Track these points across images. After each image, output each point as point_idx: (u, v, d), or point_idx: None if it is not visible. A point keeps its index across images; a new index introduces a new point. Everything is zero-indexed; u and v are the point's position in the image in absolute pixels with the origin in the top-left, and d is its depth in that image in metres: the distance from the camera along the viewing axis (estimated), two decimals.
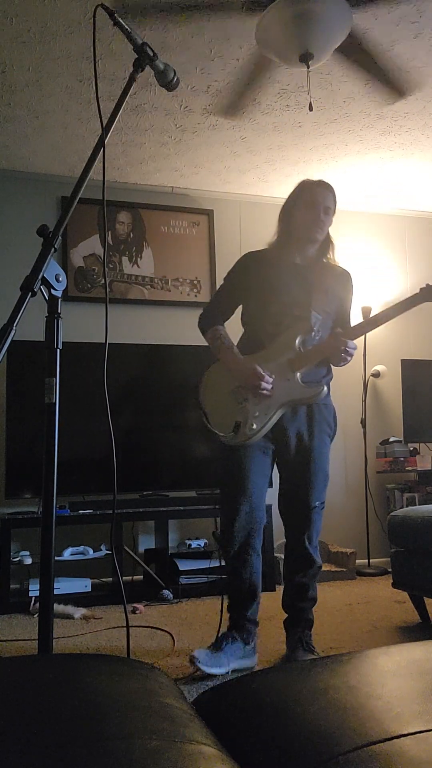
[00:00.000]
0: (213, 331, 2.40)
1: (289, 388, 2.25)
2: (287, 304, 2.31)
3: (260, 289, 2.36)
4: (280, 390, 2.24)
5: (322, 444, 2.34)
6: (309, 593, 2.35)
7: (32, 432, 3.51)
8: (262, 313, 2.35)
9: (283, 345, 2.28)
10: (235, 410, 2.26)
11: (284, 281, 2.34)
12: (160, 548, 3.81)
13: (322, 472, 2.33)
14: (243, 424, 2.23)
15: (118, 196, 4.20)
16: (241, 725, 0.77)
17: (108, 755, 0.58)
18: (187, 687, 2.11)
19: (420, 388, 4.24)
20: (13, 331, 1.22)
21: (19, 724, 0.65)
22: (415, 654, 0.92)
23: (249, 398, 2.25)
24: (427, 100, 3.35)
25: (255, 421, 2.23)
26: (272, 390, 2.22)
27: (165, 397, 3.89)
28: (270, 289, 2.34)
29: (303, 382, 2.26)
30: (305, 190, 2.37)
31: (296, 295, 2.32)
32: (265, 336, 2.32)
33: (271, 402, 2.24)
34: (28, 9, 2.61)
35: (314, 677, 0.86)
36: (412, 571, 2.76)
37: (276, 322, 2.31)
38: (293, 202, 2.39)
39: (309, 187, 2.38)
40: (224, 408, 2.30)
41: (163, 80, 1.66)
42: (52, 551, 1.36)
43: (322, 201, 2.34)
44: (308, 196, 2.35)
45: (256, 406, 2.24)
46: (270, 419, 2.25)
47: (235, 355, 2.31)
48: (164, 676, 0.88)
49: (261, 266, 2.38)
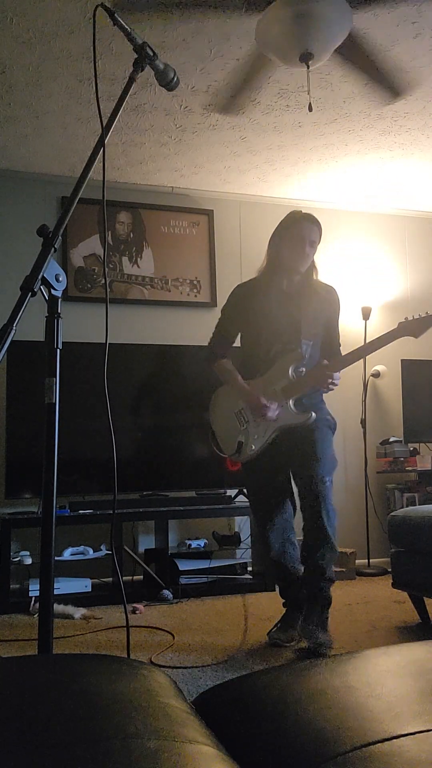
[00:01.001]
0: (219, 365, 2.69)
1: (284, 415, 2.54)
2: (276, 332, 2.57)
3: (251, 318, 2.61)
4: (277, 415, 2.53)
5: (324, 434, 2.56)
6: (327, 574, 2.50)
7: (32, 432, 3.51)
8: (254, 340, 2.62)
9: (278, 373, 2.56)
10: (238, 431, 2.59)
11: (273, 310, 2.58)
12: (160, 548, 3.81)
13: (328, 453, 2.53)
14: (244, 445, 2.56)
15: (118, 196, 4.20)
16: (241, 725, 0.77)
17: (108, 755, 0.58)
18: (187, 687, 2.11)
19: (420, 388, 4.24)
20: (13, 331, 1.22)
21: (19, 724, 0.65)
22: (415, 654, 0.92)
23: (250, 421, 2.57)
24: (427, 100, 3.35)
25: (254, 442, 2.56)
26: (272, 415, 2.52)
27: (165, 397, 3.89)
28: (260, 319, 2.58)
29: (295, 407, 2.54)
30: (293, 224, 2.57)
31: (285, 322, 2.58)
32: (259, 362, 2.60)
33: (268, 425, 2.54)
34: (28, 9, 2.61)
35: (314, 677, 0.86)
36: (412, 571, 2.76)
37: (267, 348, 2.58)
38: (280, 235, 2.60)
39: (296, 222, 2.57)
40: (229, 429, 2.63)
41: (163, 80, 1.66)
42: (52, 551, 1.36)
43: (308, 235, 2.55)
44: (296, 230, 2.55)
45: (255, 428, 2.56)
46: (266, 441, 2.55)
47: (241, 384, 2.60)
48: (164, 676, 0.88)
49: (251, 297, 2.63)
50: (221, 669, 2.31)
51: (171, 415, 3.88)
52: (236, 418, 2.60)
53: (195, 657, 2.47)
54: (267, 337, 2.58)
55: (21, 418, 3.55)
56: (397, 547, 2.87)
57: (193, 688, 2.10)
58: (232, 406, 2.63)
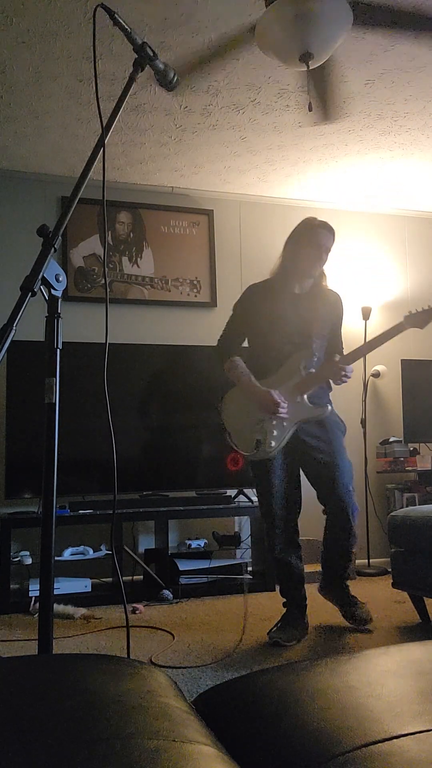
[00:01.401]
0: (230, 363, 2.70)
1: (299, 409, 2.60)
2: (288, 333, 2.65)
3: (264, 319, 2.67)
4: (292, 411, 2.58)
5: (338, 439, 2.68)
6: (349, 556, 2.74)
7: (32, 432, 3.51)
8: (266, 340, 2.67)
9: (289, 370, 2.63)
10: (255, 429, 2.60)
11: (285, 312, 2.66)
12: (160, 548, 3.80)
13: (346, 460, 2.67)
14: (263, 442, 2.57)
15: (118, 196, 4.20)
16: (241, 725, 0.77)
17: (108, 755, 0.58)
18: (187, 687, 2.11)
19: (420, 388, 4.24)
20: (13, 331, 1.22)
21: (18, 724, 0.65)
22: (415, 654, 0.92)
23: (266, 419, 2.59)
24: (427, 100, 3.35)
25: (273, 439, 2.58)
26: (286, 412, 2.56)
27: (165, 397, 3.89)
28: (273, 320, 2.66)
29: (310, 402, 2.62)
30: (310, 230, 2.66)
31: (296, 324, 2.66)
32: (270, 361, 2.65)
33: (286, 423, 2.59)
34: (28, 9, 2.61)
35: (314, 677, 0.86)
36: (412, 571, 2.76)
37: (278, 348, 2.65)
38: (297, 239, 2.68)
39: (314, 228, 2.66)
40: (245, 428, 2.63)
41: (163, 80, 1.66)
42: (52, 551, 1.36)
43: (324, 242, 2.65)
44: (313, 236, 2.65)
45: (272, 425, 2.58)
46: (285, 437, 2.59)
47: (253, 384, 2.62)
48: (164, 676, 0.88)
49: (264, 298, 2.70)
50: (221, 669, 2.31)
51: (171, 415, 3.88)
52: (252, 417, 2.61)
53: (195, 657, 2.47)
54: (279, 337, 2.65)
55: (21, 418, 3.55)
56: (397, 547, 2.87)
57: (193, 688, 2.10)
58: (246, 405, 2.64)
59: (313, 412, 2.61)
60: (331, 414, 2.68)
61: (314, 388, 2.63)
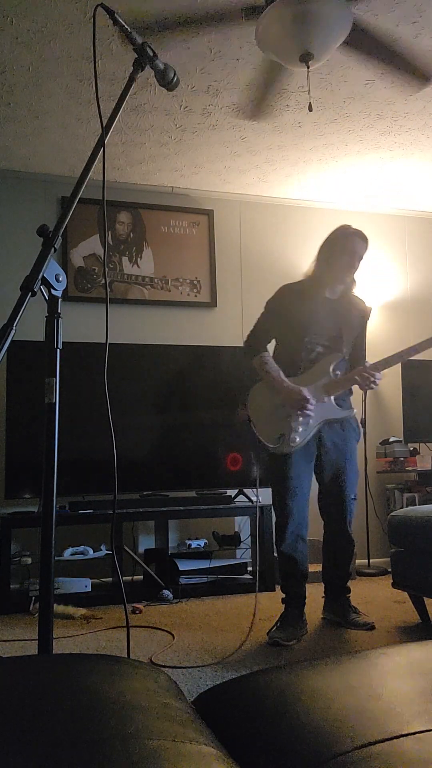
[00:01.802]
0: (259, 358, 2.76)
1: (325, 409, 2.71)
2: (319, 335, 2.74)
3: (296, 318, 2.75)
4: (318, 410, 2.68)
5: (353, 448, 2.82)
6: (348, 567, 2.87)
7: (32, 432, 3.51)
8: (297, 339, 2.74)
9: (320, 371, 2.72)
10: (280, 424, 2.67)
11: (317, 313, 2.74)
12: (160, 548, 3.81)
13: (354, 471, 2.82)
14: (286, 437, 2.65)
15: (118, 196, 4.20)
16: (241, 725, 0.77)
17: (108, 755, 0.58)
18: (187, 687, 2.11)
19: (420, 388, 4.24)
20: (13, 331, 1.22)
21: (19, 724, 0.65)
22: (415, 654, 0.92)
23: (292, 415, 2.66)
24: (427, 100, 3.35)
25: (297, 435, 2.66)
26: (313, 410, 2.65)
27: (165, 397, 3.89)
28: (304, 320, 2.74)
29: (336, 404, 2.74)
30: (345, 238, 2.74)
31: (327, 326, 2.75)
32: (300, 361, 2.74)
33: (311, 420, 2.68)
34: (28, 9, 2.61)
35: (314, 677, 0.86)
36: (412, 571, 2.76)
37: (309, 348, 2.74)
38: (332, 246, 2.76)
39: (348, 236, 2.74)
40: (270, 422, 2.70)
41: (163, 80, 1.66)
42: (52, 551, 1.36)
43: (358, 251, 2.74)
44: (348, 244, 2.73)
45: (297, 422, 2.66)
46: (309, 434, 2.69)
47: (283, 379, 2.68)
48: (164, 676, 0.88)
49: (297, 298, 2.77)
50: (221, 669, 2.31)
51: (171, 415, 3.88)
52: (278, 411, 2.68)
53: (195, 657, 2.47)
54: (310, 338, 2.73)
55: (21, 418, 3.55)
56: (397, 547, 2.87)
57: (193, 688, 2.10)
58: (272, 399, 2.70)
59: (339, 413, 2.74)
60: (353, 420, 2.83)
61: (341, 390, 2.74)
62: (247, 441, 3.93)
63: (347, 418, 2.79)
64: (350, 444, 2.81)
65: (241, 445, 3.91)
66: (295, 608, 2.72)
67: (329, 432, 2.76)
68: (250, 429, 2.76)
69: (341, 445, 2.78)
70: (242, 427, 3.96)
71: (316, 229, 4.61)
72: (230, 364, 3.99)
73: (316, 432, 2.72)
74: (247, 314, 4.41)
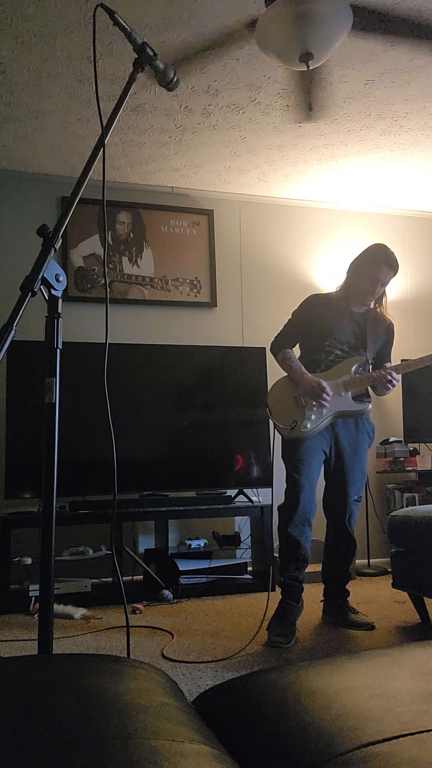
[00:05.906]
0: (283, 354, 2.89)
1: (341, 402, 2.80)
2: (338, 340, 2.86)
3: (318, 323, 2.88)
4: (334, 402, 2.77)
5: (364, 450, 2.90)
6: (348, 567, 2.93)
7: (32, 432, 3.51)
8: (318, 342, 2.87)
9: (341, 370, 2.83)
10: (295, 412, 2.78)
11: (342, 321, 2.87)
12: (160, 548, 3.80)
13: (362, 473, 2.90)
14: (299, 423, 2.75)
15: (118, 196, 4.20)
16: (241, 725, 0.77)
17: (108, 755, 0.58)
18: (187, 687, 2.11)
19: (420, 388, 4.24)
20: (13, 331, 1.22)
21: (19, 724, 0.65)
22: (415, 654, 0.92)
23: (308, 404, 2.76)
24: (427, 100, 3.35)
25: (309, 422, 2.75)
26: (329, 401, 2.75)
27: (164, 397, 3.89)
28: (329, 326, 2.86)
29: (353, 399, 2.83)
30: (373, 265, 2.81)
31: (351, 334, 2.87)
32: (322, 361, 2.85)
33: (325, 410, 2.77)
34: (28, 9, 2.61)
35: (314, 677, 0.86)
36: (412, 571, 2.76)
37: (328, 350, 2.86)
38: (358, 269, 2.86)
39: (376, 263, 2.81)
40: (286, 409, 2.81)
41: (163, 80, 1.66)
42: (52, 551, 1.36)
43: (383, 279, 2.83)
44: (373, 272, 2.81)
45: (312, 411, 2.76)
46: (321, 423, 2.77)
47: (303, 372, 2.81)
48: (164, 676, 0.88)
49: (324, 305, 2.91)
50: (221, 669, 2.31)
51: (171, 415, 3.87)
52: (294, 402, 2.78)
53: (195, 657, 2.47)
54: (330, 342, 2.84)
55: (21, 418, 3.55)
56: (397, 547, 2.87)
57: (193, 688, 2.10)
58: (292, 390, 2.81)
59: (355, 406, 2.82)
60: (368, 419, 2.91)
61: (360, 387, 2.82)
62: (247, 441, 3.93)
63: (363, 419, 2.87)
64: (362, 446, 2.88)
65: (241, 445, 3.91)
66: (291, 597, 2.74)
67: (344, 431, 2.83)
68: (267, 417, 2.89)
69: (353, 445, 2.85)
70: (242, 427, 3.96)
71: (316, 229, 4.61)
72: (230, 365, 3.99)
73: (330, 424, 2.79)
74: (247, 314, 4.41)
